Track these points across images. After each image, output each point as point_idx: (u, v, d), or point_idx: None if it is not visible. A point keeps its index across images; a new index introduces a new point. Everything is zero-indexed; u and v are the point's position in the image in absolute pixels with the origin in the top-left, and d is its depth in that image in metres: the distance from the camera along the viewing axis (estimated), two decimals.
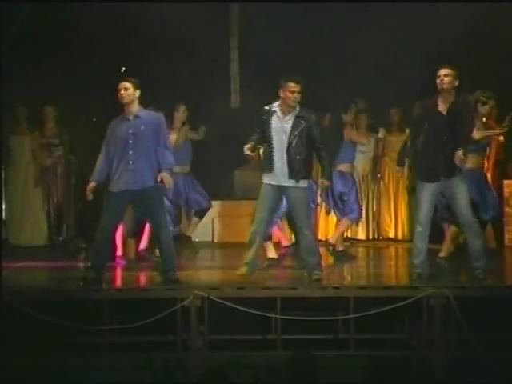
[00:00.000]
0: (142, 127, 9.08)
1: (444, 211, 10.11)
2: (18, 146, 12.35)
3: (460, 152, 8.84)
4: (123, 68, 10.72)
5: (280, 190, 9.12)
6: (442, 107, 9.04)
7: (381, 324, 8.50)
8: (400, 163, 9.61)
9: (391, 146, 12.54)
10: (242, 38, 12.93)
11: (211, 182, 12.07)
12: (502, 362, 7.60)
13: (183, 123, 11.51)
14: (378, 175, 13.05)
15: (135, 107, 9.14)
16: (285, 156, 9.01)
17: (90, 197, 9.15)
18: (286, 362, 5.61)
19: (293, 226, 10.14)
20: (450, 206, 9.28)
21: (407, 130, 12.35)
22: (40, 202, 12.46)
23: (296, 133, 9.00)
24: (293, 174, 9.00)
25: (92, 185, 9.12)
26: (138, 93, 9.10)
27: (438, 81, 8.98)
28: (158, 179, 9.02)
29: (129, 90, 9.06)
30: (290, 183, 9.05)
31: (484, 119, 10.34)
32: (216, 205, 12.35)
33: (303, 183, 9.07)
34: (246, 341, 8.54)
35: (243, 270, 9.09)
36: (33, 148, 12.36)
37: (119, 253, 10.80)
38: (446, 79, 8.96)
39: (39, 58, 11.77)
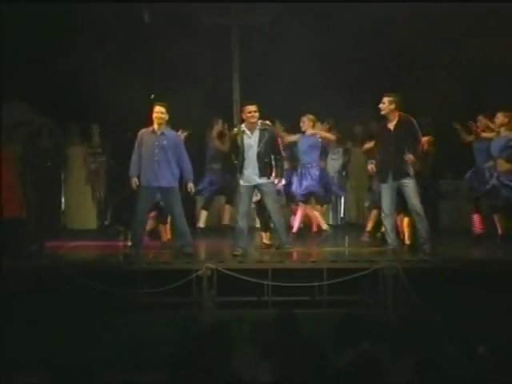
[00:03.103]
0: (165, 142, 9.17)
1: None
2: (72, 154, 12.35)
3: (410, 156, 8.95)
4: (152, 95, 10.70)
5: (253, 187, 9.20)
6: (389, 126, 9.12)
7: (347, 288, 8.54)
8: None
9: (356, 155, 12.52)
10: (242, 72, 12.91)
11: None
12: (438, 317, 7.62)
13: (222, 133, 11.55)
14: (343, 174, 12.99)
15: (163, 126, 9.22)
16: (256, 162, 9.10)
17: (135, 187, 9.20)
18: (275, 318, 5.62)
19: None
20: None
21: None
22: (89, 197, 12.44)
23: (262, 143, 9.11)
24: (263, 173, 9.12)
25: (135, 180, 9.19)
26: (167, 116, 9.17)
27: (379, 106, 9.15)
28: (188, 189, 9.20)
29: (164, 114, 9.13)
30: (262, 180, 9.13)
31: None
32: (222, 198, 12.31)
33: (271, 179, 9.19)
34: (245, 302, 8.61)
35: (238, 252, 9.14)
36: (83, 156, 12.38)
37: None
38: (382, 106, 9.09)
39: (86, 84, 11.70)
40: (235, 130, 9.51)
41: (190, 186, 9.27)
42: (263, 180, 9.14)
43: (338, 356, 4.73)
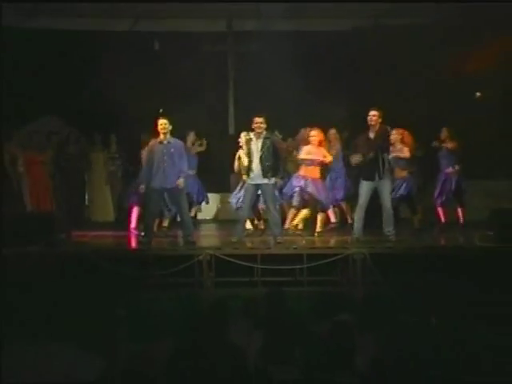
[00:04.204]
0: (172, 149, 9.14)
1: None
2: (95, 159, 12.28)
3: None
4: (161, 110, 10.70)
5: (257, 186, 9.16)
6: (371, 135, 9.06)
7: (323, 271, 8.54)
8: None
9: None
10: (236, 90, 12.91)
11: (217, 181, 12.03)
12: (398, 294, 7.62)
13: (193, 143, 11.38)
14: None
15: (168, 135, 9.19)
16: (259, 165, 9.07)
17: (143, 191, 9.24)
18: (263, 295, 5.63)
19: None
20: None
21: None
22: (109, 194, 12.37)
23: (264, 149, 9.04)
24: (264, 174, 9.05)
25: (143, 186, 9.20)
26: (170, 126, 9.16)
27: (368, 118, 8.99)
28: (178, 183, 9.05)
29: (167, 125, 9.11)
30: (263, 181, 9.08)
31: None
32: (219, 196, 12.31)
33: (272, 180, 9.10)
34: (238, 282, 8.57)
35: (234, 239, 9.17)
36: (103, 160, 12.36)
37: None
38: (374, 118, 8.98)
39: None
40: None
41: (180, 181, 9.12)
42: (265, 181, 9.08)
43: (315, 325, 4.77)
